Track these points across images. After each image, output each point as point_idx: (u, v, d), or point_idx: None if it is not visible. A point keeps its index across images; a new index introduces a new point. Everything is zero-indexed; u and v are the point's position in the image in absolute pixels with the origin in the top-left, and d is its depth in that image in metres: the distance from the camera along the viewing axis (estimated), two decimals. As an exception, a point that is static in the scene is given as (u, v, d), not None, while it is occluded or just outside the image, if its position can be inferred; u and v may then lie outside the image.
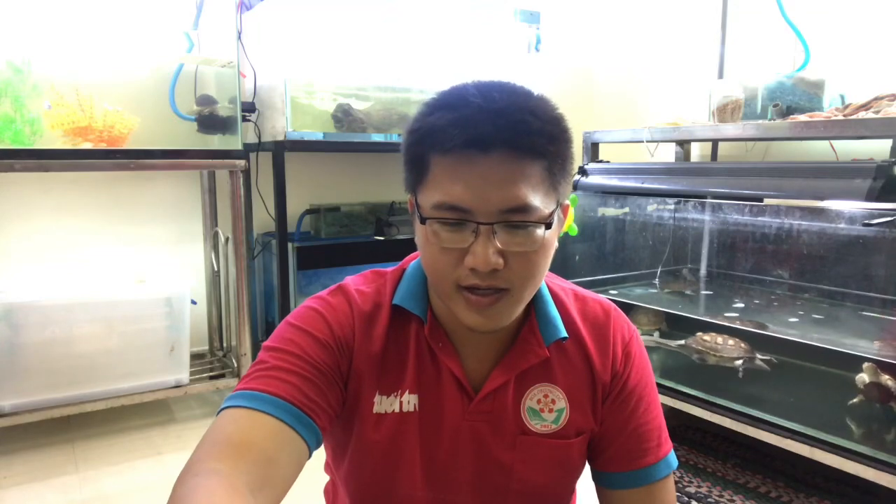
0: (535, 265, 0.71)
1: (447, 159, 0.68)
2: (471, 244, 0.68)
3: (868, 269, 1.95)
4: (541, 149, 0.69)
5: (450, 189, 0.68)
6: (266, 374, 0.71)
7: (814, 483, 1.83)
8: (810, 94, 2.08)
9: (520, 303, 0.73)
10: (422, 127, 0.71)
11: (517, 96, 0.70)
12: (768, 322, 2.01)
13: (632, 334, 0.86)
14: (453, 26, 2.62)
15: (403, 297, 0.80)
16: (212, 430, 0.67)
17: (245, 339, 2.29)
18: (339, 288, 0.82)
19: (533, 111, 0.69)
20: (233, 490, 0.58)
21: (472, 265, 0.68)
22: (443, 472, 0.80)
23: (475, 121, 0.67)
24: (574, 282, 0.91)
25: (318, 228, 2.60)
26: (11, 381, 1.96)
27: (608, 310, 0.86)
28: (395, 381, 0.79)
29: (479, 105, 0.68)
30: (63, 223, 2.31)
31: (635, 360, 0.84)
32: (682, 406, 1.96)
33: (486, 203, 0.67)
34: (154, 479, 1.89)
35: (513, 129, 0.67)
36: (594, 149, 2.46)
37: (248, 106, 2.32)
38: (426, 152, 0.70)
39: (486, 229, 0.68)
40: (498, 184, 0.67)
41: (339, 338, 0.76)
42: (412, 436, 0.78)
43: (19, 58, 2.01)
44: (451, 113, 0.69)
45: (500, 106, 0.68)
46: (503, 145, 0.67)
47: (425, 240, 0.72)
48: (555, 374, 0.81)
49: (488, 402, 0.79)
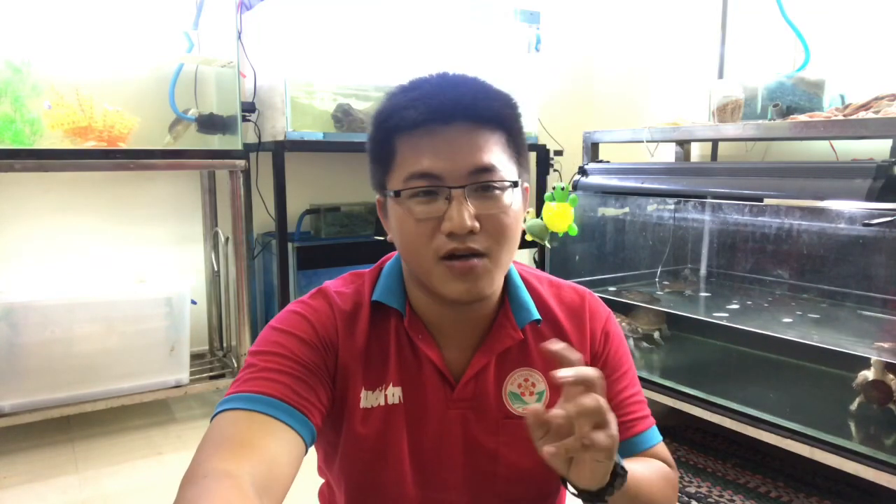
0: (508, 228, 0.74)
1: (412, 137, 0.73)
2: (445, 211, 0.72)
3: (868, 269, 1.95)
4: (498, 118, 0.75)
5: (418, 160, 0.72)
6: (257, 377, 0.72)
7: (814, 483, 1.83)
8: (810, 94, 2.08)
9: (498, 268, 0.75)
10: (384, 110, 0.76)
11: (470, 77, 0.77)
12: (768, 322, 2.01)
13: (608, 315, 0.90)
14: (453, 26, 2.62)
15: (382, 293, 0.82)
16: (211, 433, 0.67)
17: (245, 339, 2.29)
18: (319, 291, 0.84)
19: (486, 86, 0.76)
20: (242, 494, 0.59)
21: (449, 230, 0.71)
22: (431, 462, 0.81)
23: (434, 93, 0.73)
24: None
25: (318, 228, 2.60)
26: (11, 381, 1.96)
27: (582, 294, 0.89)
28: (379, 376, 0.81)
29: (436, 82, 0.75)
30: (63, 223, 2.31)
31: (613, 338, 0.88)
32: (682, 406, 1.96)
33: (455, 167, 0.72)
34: (154, 479, 1.88)
35: (472, 97, 0.73)
36: (594, 149, 2.45)
37: (248, 106, 2.32)
38: (391, 135, 0.75)
39: (459, 193, 0.71)
40: (463, 149, 0.72)
41: (322, 337, 0.78)
42: (399, 427, 0.80)
43: (19, 58, 2.02)
44: (411, 92, 0.75)
45: (456, 81, 0.76)
46: (463, 116, 0.73)
47: (399, 220, 0.75)
48: (533, 359, 0.84)
49: (470, 389, 0.81)
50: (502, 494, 0.83)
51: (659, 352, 2.34)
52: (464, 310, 0.80)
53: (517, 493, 0.84)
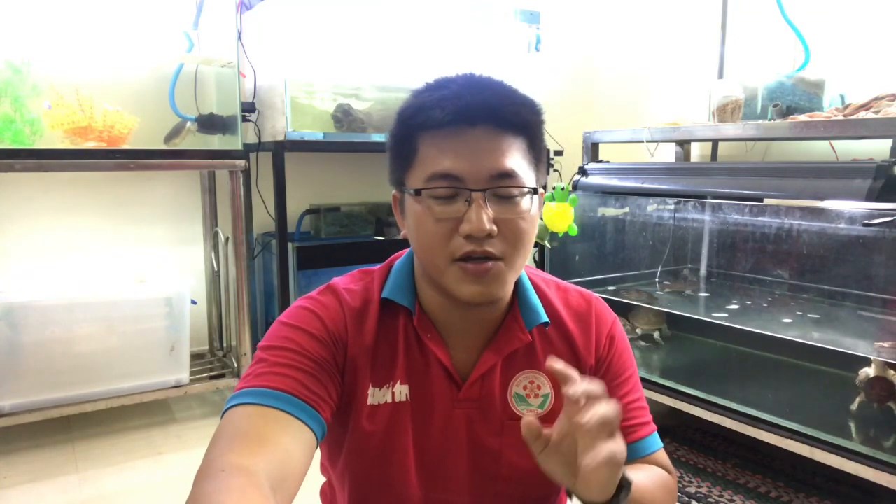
0: (525, 233, 0.75)
1: (436, 136, 0.73)
2: (464, 213, 0.72)
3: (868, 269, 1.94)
4: (522, 123, 0.75)
5: (441, 161, 0.72)
6: (267, 371, 0.72)
7: (814, 483, 1.83)
8: (810, 94, 2.08)
9: (512, 272, 0.76)
10: (409, 107, 0.76)
11: (497, 80, 0.77)
12: (768, 322, 2.01)
13: (613, 319, 0.90)
14: (453, 26, 2.62)
15: (392, 291, 0.82)
16: (225, 427, 0.68)
17: (245, 339, 2.29)
18: (328, 287, 0.84)
19: (512, 91, 0.77)
20: (260, 492, 0.59)
21: (467, 232, 0.71)
22: (435, 460, 0.81)
23: (461, 94, 0.73)
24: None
25: (318, 228, 2.60)
26: (11, 381, 1.96)
27: (589, 298, 0.90)
28: (386, 373, 0.81)
29: (463, 82, 0.75)
30: (63, 223, 2.31)
31: (618, 343, 0.88)
32: (682, 406, 1.96)
33: (477, 170, 0.72)
34: (154, 479, 1.88)
35: (498, 102, 0.73)
36: (594, 149, 2.45)
37: (248, 106, 2.32)
38: (414, 133, 0.75)
39: (479, 196, 0.71)
40: (486, 153, 0.72)
41: (332, 332, 0.78)
42: (405, 425, 0.80)
43: (19, 58, 2.01)
44: (438, 91, 0.75)
45: (483, 84, 0.76)
46: (488, 119, 0.72)
47: (417, 219, 0.75)
48: (539, 361, 0.84)
49: (476, 389, 0.82)
50: (505, 495, 0.83)
51: (659, 352, 2.34)
52: (474, 310, 0.80)
53: (520, 494, 0.84)
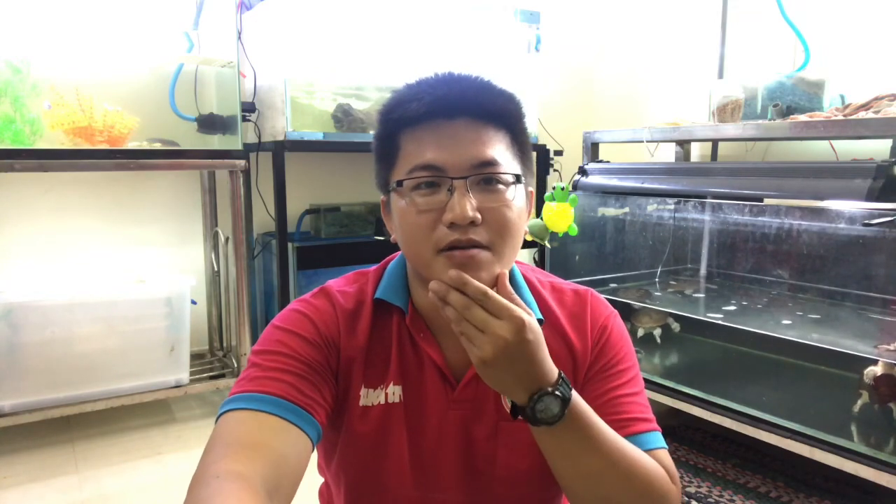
0: (511, 222, 0.74)
1: (416, 131, 0.74)
2: (447, 203, 0.72)
3: (868, 269, 1.95)
4: (501, 113, 0.75)
5: (422, 153, 0.73)
6: (261, 376, 0.72)
7: (814, 483, 1.83)
8: (810, 94, 2.08)
9: (500, 262, 0.74)
10: (388, 104, 0.77)
11: (475, 75, 0.78)
12: (768, 322, 2.01)
13: (609, 313, 0.88)
14: (453, 26, 2.62)
15: (385, 291, 0.82)
16: (219, 433, 0.67)
17: (245, 339, 2.29)
18: (322, 290, 0.83)
19: (490, 84, 0.77)
20: (256, 497, 0.59)
21: (450, 220, 0.71)
22: (429, 461, 0.81)
23: (437, 86, 0.75)
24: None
25: (318, 228, 2.60)
26: (11, 381, 1.96)
27: (584, 294, 0.88)
28: (379, 374, 0.80)
29: (441, 78, 0.77)
30: (63, 223, 2.31)
31: (611, 334, 0.85)
32: (682, 406, 1.96)
33: (458, 159, 0.72)
34: (154, 479, 1.88)
35: (475, 93, 0.74)
36: (594, 149, 2.45)
37: (248, 106, 2.32)
38: (395, 130, 0.75)
39: (461, 184, 0.71)
40: (467, 142, 0.73)
41: (325, 335, 0.78)
42: (398, 426, 0.80)
43: (19, 58, 2.01)
44: (416, 87, 0.76)
45: (461, 78, 0.76)
46: (467, 111, 0.73)
47: (401, 213, 0.75)
48: None
49: (470, 389, 0.81)
50: (500, 496, 0.83)
51: (659, 352, 2.34)
52: None
53: (515, 496, 0.83)
